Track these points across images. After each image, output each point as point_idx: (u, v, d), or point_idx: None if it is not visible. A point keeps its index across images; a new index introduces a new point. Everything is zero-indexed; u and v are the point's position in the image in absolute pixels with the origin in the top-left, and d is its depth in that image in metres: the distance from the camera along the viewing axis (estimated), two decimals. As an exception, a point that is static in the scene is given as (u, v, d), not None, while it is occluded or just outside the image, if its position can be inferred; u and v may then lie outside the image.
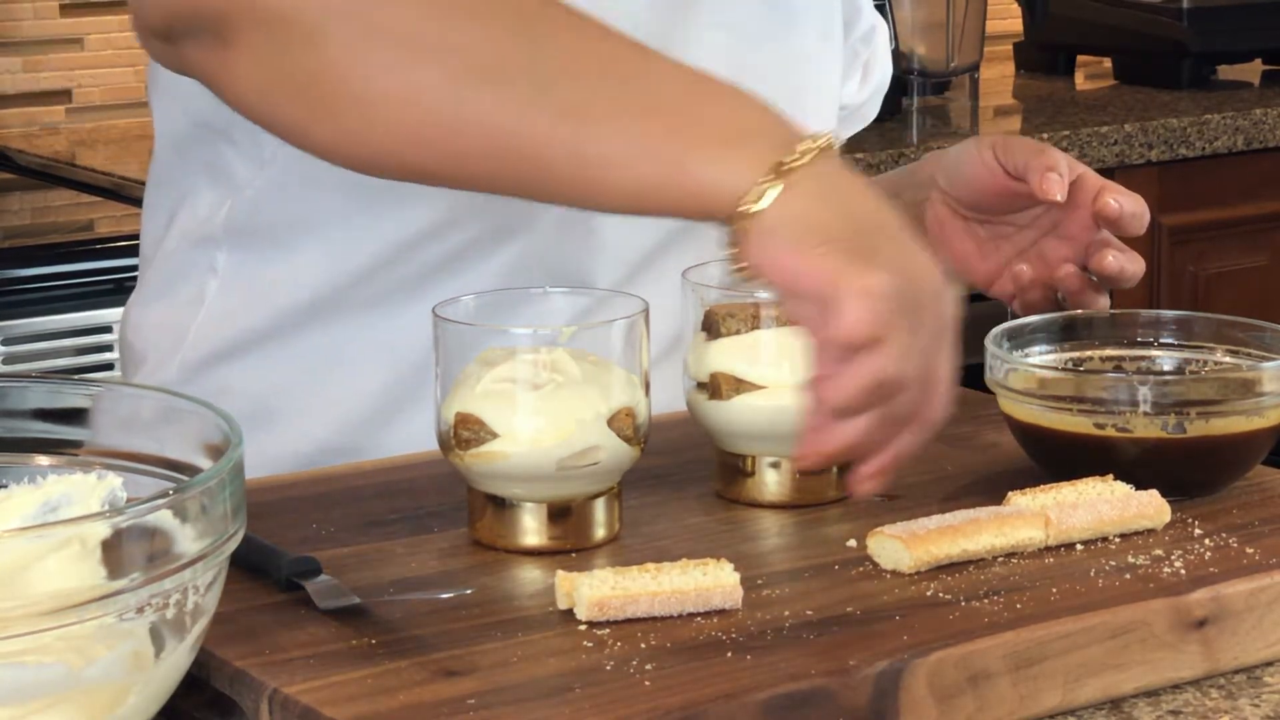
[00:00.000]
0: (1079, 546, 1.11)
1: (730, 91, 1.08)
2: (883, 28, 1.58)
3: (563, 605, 1.02)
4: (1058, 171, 1.30)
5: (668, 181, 1.05)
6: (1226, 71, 3.41)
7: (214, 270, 1.37)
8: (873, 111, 1.59)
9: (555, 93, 1.07)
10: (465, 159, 1.10)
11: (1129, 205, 1.30)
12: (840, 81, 1.50)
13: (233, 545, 0.88)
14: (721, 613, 1.02)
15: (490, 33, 1.10)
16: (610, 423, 1.11)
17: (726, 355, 1.18)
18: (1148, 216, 1.31)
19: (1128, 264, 1.31)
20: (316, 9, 1.10)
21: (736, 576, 1.03)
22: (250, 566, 1.05)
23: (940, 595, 1.04)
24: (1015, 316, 1.29)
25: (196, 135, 1.37)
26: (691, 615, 1.01)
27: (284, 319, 1.35)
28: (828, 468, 1.15)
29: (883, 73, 1.57)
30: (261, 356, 1.36)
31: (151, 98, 1.43)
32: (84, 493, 0.93)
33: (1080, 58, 3.55)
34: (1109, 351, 1.30)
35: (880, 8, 3.03)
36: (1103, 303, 1.34)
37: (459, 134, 1.09)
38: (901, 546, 1.07)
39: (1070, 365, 1.28)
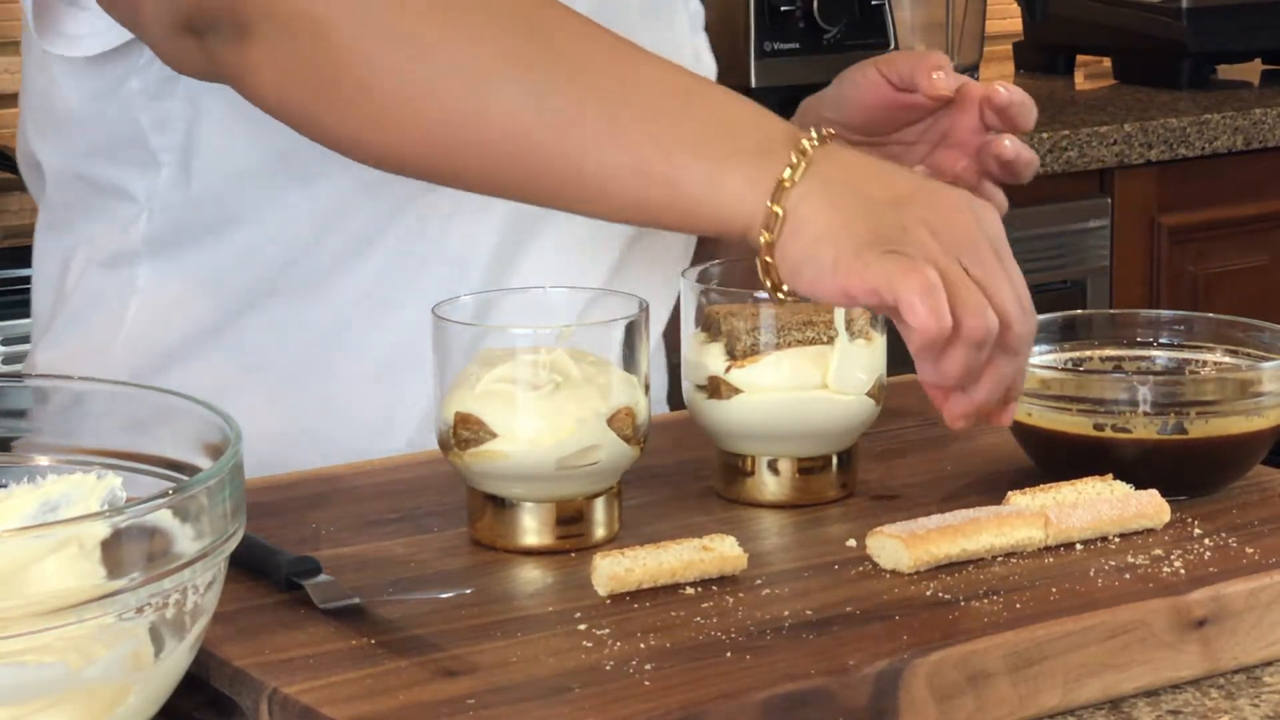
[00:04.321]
0: (1079, 546, 1.11)
1: (718, 95, 1.09)
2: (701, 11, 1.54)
3: (602, 591, 1.04)
4: (944, 70, 1.30)
5: (663, 199, 1.07)
6: (1226, 71, 3.41)
7: (135, 289, 1.35)
8: None
9: (556, 99, 1.09)
10: (464, 160, 1.12)
11: (1017, 95, 1.29)
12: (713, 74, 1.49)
13: (232, 545, 0.88)
14: (721, 613, 1.02)
15: (495, 34, 1.12)
16: (610, 422, 1.11)
17: (725, 360, 1.19)
18: (1035, 111, 1.29)
19: (1023, 150, 1.29)
20: (326, 4, 1.12)
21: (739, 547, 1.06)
22: (250, 566, 1.05)
23: (940, 595, 1.04)
24: None
25: (87, 166, 1.36)
26: (691, 615, 1.01)
27: (219, 315, 1.34)
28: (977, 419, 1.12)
29: (712, 62, 1.55)
30: (198, 359, 1.34)
31: (36, 143, 1.41)
32: (84, 492, 0.93)
33: (1080, 58, 3.55)
34: (1109, 351, 1.30)
35: (880, 7, 3.03)
36: (999, 198, 1.31)
37: (459, 134, 1.11)
38: (901, 546, 1.07)
39: (1070, 365, 1.28)
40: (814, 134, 1.05)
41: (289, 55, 1.14)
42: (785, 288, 1.05)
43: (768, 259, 1.04)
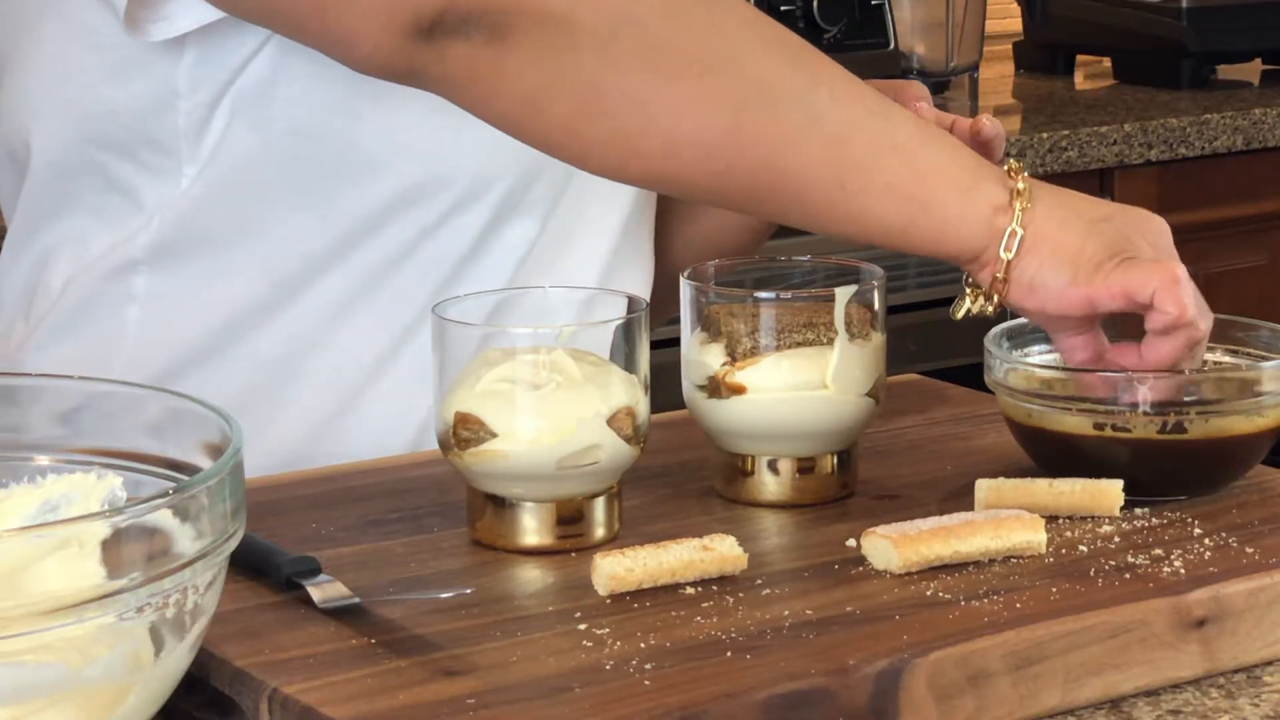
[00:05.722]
0: (1081, 548, 1.11)
1: (946, 138, 1.20)
2: None
3: (602, 591, 1.04)
4: (926, 101, 1.33)
5: (915, 221, 1.17)
6: (1226, 71, 3.41)
7: (132, 297, 1.32)
8: None
9: (825, 123, 1.16)
10: (732, 172, 1.17)
11: (999, 128, 1.33)
12: None
13: (232, 545, 0.88)
14: (721, 612, 1.02)
15: (770, 57, 1.17)
16: (610, 422, 1.11)
17: (725, 360, 1.19)
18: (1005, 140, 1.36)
19: (1000, 128, 1.33)
20: (607, 15, 1.13)
21: (739, 547, 1.06)
22: (250, 566, 1.05)
23: (940, 595, 1.04)
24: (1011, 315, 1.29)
25: (85, 162, 1.31)
26: (691, 615, 1.02)
27: (226, 331, 1.31)
28: None
29: None
30: (209, 372, 1.31)
31: (34, 123, 1.33)
32: (84, 492, 0.93)
33: (1080, 57, 3.55)
34: (1109, 351, 1.30)
35: (880, 7, 3.03)
36: None
37: (731, 147, 1.15)
38: (890, 546, 1.07)
39: (1070, 365, 1.28)
40: (1018, 165, 1.18)
41: (555, 65, 1.13)
42: (995, 301, 1.18)
43: (999, 275, 1.16)
